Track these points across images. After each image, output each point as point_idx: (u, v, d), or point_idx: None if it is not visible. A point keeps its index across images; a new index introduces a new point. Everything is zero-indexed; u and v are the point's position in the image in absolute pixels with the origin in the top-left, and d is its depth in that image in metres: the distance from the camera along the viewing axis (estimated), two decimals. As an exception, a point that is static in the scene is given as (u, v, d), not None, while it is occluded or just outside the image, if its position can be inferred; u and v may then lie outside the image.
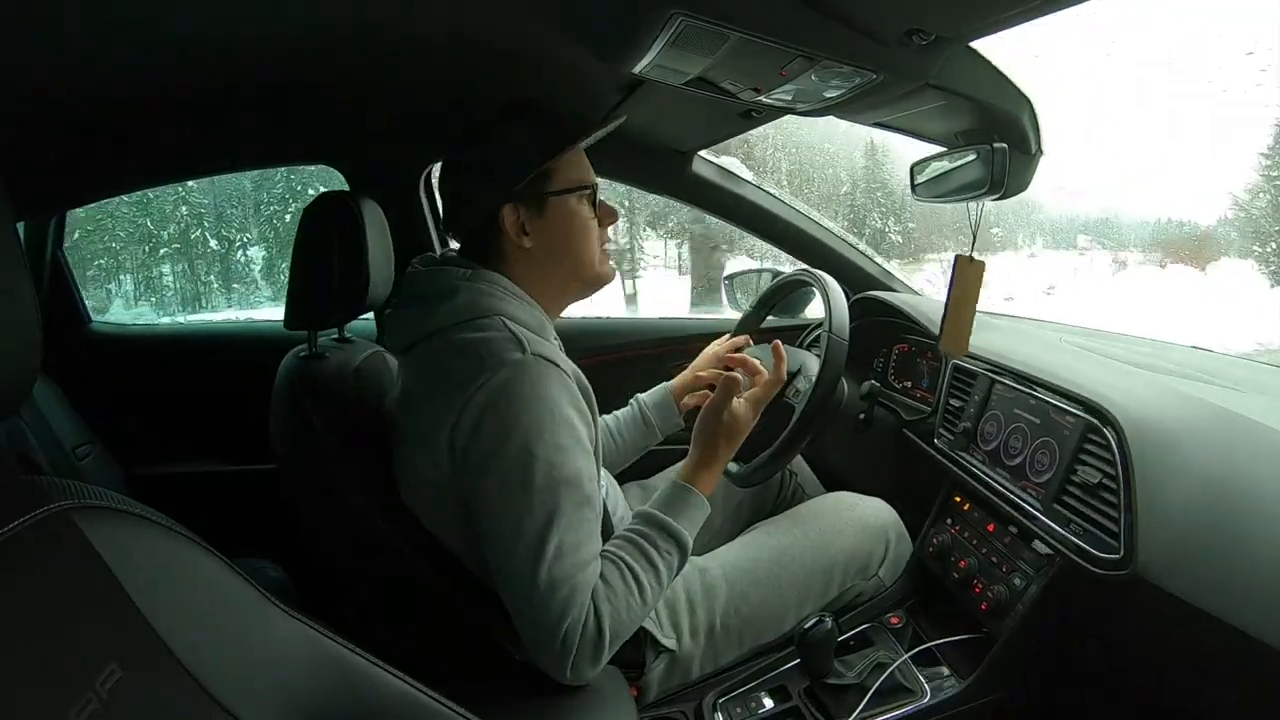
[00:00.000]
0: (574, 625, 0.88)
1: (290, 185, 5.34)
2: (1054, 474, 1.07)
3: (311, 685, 0.63)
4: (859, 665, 1.14)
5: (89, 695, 0.48)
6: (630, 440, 1.40)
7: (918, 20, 0.82)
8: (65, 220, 1.89)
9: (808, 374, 1.26)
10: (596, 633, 0.89)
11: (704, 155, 1.74)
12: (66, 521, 0.53)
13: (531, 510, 0.89)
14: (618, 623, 0.91)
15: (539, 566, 0.88)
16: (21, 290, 0.51)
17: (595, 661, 0.90)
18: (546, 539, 0.88)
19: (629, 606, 0.92)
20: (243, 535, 1.66)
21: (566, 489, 0.90)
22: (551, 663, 0.90)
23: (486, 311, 0.98)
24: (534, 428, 0.90)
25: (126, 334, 2.05)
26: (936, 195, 1.26)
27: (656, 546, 0.97)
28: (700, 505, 1.03)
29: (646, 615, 0.97)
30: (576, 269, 1.07)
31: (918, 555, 1.32)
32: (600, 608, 0.90)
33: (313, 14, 0.91)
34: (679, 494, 1.03)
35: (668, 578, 0.97)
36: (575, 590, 0.89)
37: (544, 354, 0.94)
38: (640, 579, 0.94)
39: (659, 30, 0.86)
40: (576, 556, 0.90)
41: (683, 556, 0.99)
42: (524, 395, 0.90)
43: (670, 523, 0.99)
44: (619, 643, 0.93)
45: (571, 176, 1.04)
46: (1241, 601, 0.82)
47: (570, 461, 0.91)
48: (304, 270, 1.13)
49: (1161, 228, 7.73)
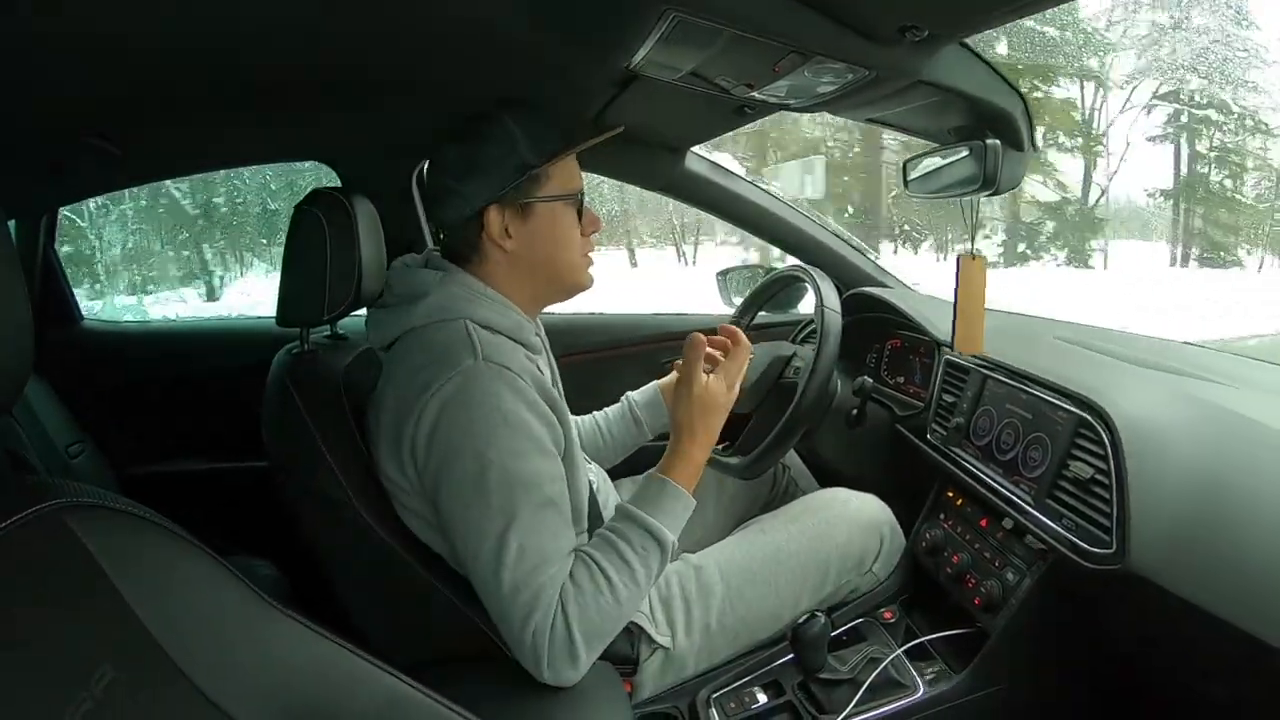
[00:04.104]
0: (541, 627, 0.88)
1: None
2: (1046, 469, 1.08)
3: (306, 684, 0.63)
4: (852, 660, 1.15)
5: (84, 696, 0.48)
6: (619, 438, 1.40)
7: (910, 17, 0.82)
8: (57, 218, 1.88)
9: (804, 356, 1.27)
10: (566, 634, 0.89)
11: (697, 151, 1.73)
12: (58, 521, 0.53)
13: (490, 515, 0.89)
14: (588, 624, 0.90)
15: (501, 571, 0.89)
16: (13, 288, 0.51)
17: (572, 662, 0.90)
18: (506, 543, 0.89)
19: (599, 607, 0.91)
20: (236, 533, 1.67)
21: (524, 492, 0.90)
22: (529, 665, 0.90)
23: (454, 314, 0.98)
24: (486, 434, 0.90)
25: (119, 331, 2.04)
26: (930, 191, 1.27)
27: (630, 542, 0.96)
28: (678, 496, 1.00)
29: (626, 614, 0.96)
30: (556, 275, 1.07)
31: (911, 550, 1.33)
32: (568, 609, 0.89)
33: (306, 10, 0.91)
34: (654, 487, 1.01)
35: (645, 574, 0.96)
36: (539, 593, 0.89)
37: (497, 359, 0.94)
38: (611, 577, 0.93)
39: (652, 26, 0.86)
40: (539, 558, 0.90)
41: (662, 552, 0.97)
42: (474, 402, 0.91)
43: (644, 517, 0.97)
44: (597, 643, 0.92)
45: (560, 183, 1.03)
46: (1233, 595, 0.82)
47: (526, 465, 0.91)
48: (296, 267, 1.12)
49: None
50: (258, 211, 8.10)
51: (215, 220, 8.19)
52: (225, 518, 1.72)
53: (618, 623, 0.95)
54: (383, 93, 1.30)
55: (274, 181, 7.47)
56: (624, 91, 1.23)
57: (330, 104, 1.32)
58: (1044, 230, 13.12)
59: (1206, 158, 12.89)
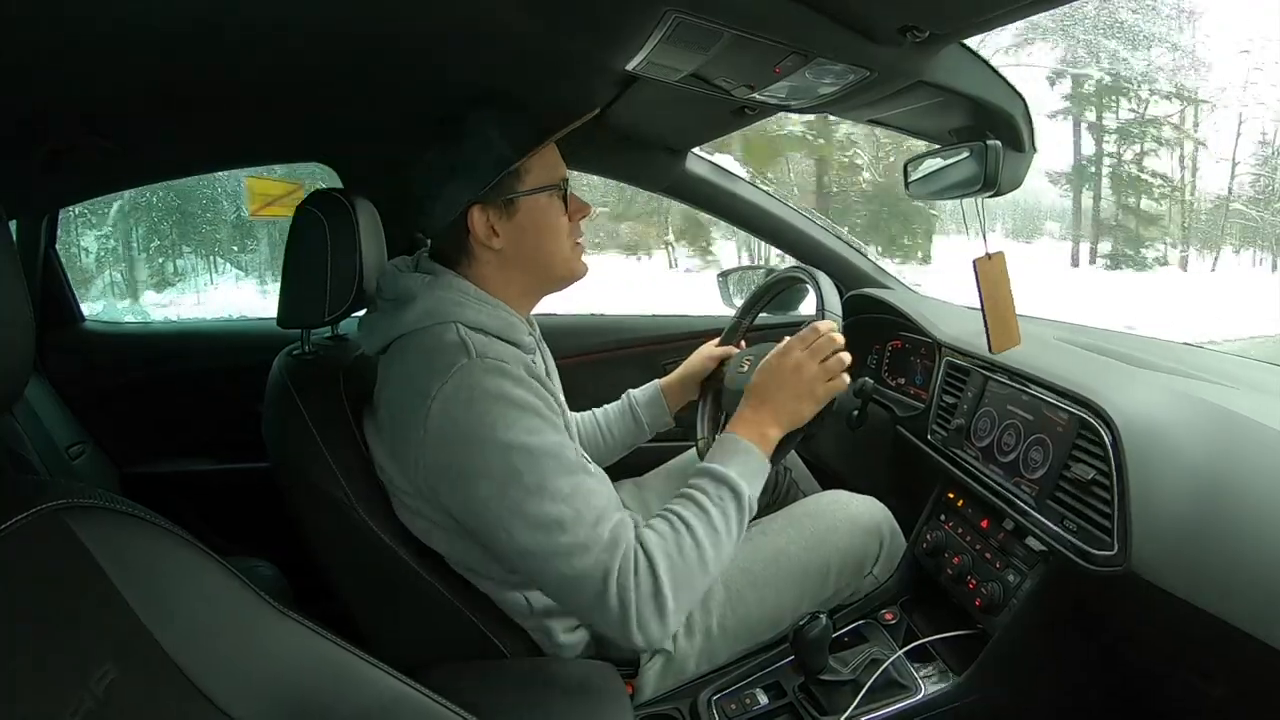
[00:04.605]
0: (624, 579, 0.87)
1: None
2: (1047, 470, 1.08)
3: (306, 684, 0.63)
4: (853, 661, 1.14)
5: (84, 695, 0.48)
6: (619, 436, 1.40)
7: (911, 17, 0.82)
8: (57, 219, 1.88)
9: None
10: (652, 583, 0.88)
11: (698, 152, 1.73)
12: (59, 521, 0.53)
13: (529, 493, 0.88)
14: (675, 571, 0.89)
15: (561, 539, 0.88)
16: (14, 289, 0.51)
17: (660, 615, 0.89)
18: (557, 514, 0.88)
19: (682, 553, 0.91)
20: (236, 534, 1.68)
21: (553, 461, 0.90)
22: (615, 627, 0.88)
23: (443, 318, 0.98)
24: (497, 421, 0.90)
25: (119, 332, 2.04)
26: (931, 192, 1.27)
27: (705, 491, 0.96)
28: (746, 450, 1.01)
29: (712, 567, 0.94)
30: (548, 268, 1.07)
31: (912, 552, 1.33)
32: (653, 556, 0.89)
33: (307, 10, 0.91)
34: (722, 443, 1.02)
35: (723, 522, 0.95)
36: (614, 543, 0.88)
37: (492, 355, 0.94)
38: (691, 523, 0.93)
39: (653, 27, 0.86)
40: (597, 513, 0.90)
41: (737, 499, 0.97)
42: (477, 395, 0.91)
43: (714, 467, 0.98)
44: (685, 595, 0.91)
45: (542, 175, 1.03)
46: (1235, 598, 0.82)
47: (546, 438, 0.91)
48: (297, 268, 1.13)
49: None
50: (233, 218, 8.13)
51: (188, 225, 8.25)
52: (226, 518, 1.72)
53: (704, 573, 0.93)
54: (383, 94, 1.30)
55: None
56: (625, 93, 1.23)
57: (331, 104, 1.32)
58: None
59: (1107, 130, 11.44)
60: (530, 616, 1.06)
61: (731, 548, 0.97)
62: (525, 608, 1.05)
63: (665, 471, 1.48)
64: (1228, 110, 11.33)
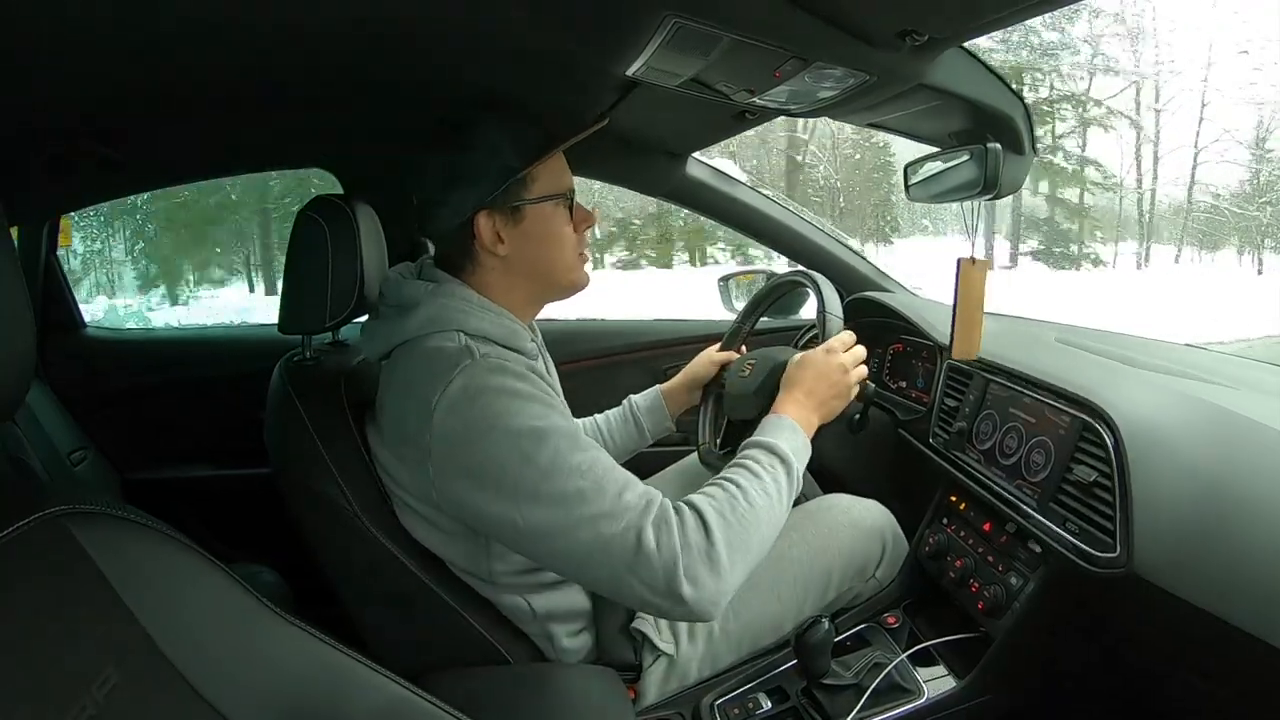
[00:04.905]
0: (665, 534, 0.86)
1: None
2: (1049, 473, 1.08)
3: (308, 689, 0.63)
4: (856, 665, 1.14)
5: (86, 702, 0.48)
6: (620, 442, 1.40)
7: (910, 21, 0.82)
8: (59, 225, 1.89)
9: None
10: (702, 534, 0.87)
11: (698, 157, 1.74)
12: (61, 528, 0.53)
13: (548, 474, 0.88)
14: (726, 526, 0.89)
15: (588, 509, 0.87)
16: (16, 295, 0.51)
17: (713, 568, 0.86)
18: (580, 489, 0.87)
19: (734, 509, 0.90)
20: (238, 540, 1.68)
21: (567, 441, 0.90)
22: (662, 586, 0.86)
23: (446, 326, 0.98)
24: (505, 412, 0.90)
25: (121, 339, 2.05)
26: (931, 196, 1.27)
27: (754, 458, 0.97)
28: (793, 428, 1.02)
29: (765, 527, 0.93)
30: (552, 277, 1.06)
31: (914, 555, 1.32)
32: (702, 508, 0.89)
33: (307, 14, 0.91)
34: (770, 421, 1.04)
35: (774, 485, 0.95)
36: (646, 503, 0.88)
37: (495, 357, 0.95)
38: (741, 483, 0.93)
39: (652, 32, 0.86)
40: (621, 484, 0.89)
41: (785, 466, 0.98)
42: (483, 393, 0.90)
43: (764, 439, 1.00)
44: (740, 554, 0.89)
45: (549, 183, 1.03)
46: (1238, 599, 0.82)
47: (557, 423, 0.91)
48: (298, 274, 1.13)
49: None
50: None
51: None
52: (228, 524, 1.72)
53: (758, 533, 0.92)
54: (383, 99, 1.30)
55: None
56: (625, 98, 1.24)
57: (332, 109, 1.32)
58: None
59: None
60: (533, 621, 1.06)
61: (783, 514, 0.97)
62: (528, 613, 1.05)
63: (666, 477, 1.47)
64: (1189, 92, 10.34)
